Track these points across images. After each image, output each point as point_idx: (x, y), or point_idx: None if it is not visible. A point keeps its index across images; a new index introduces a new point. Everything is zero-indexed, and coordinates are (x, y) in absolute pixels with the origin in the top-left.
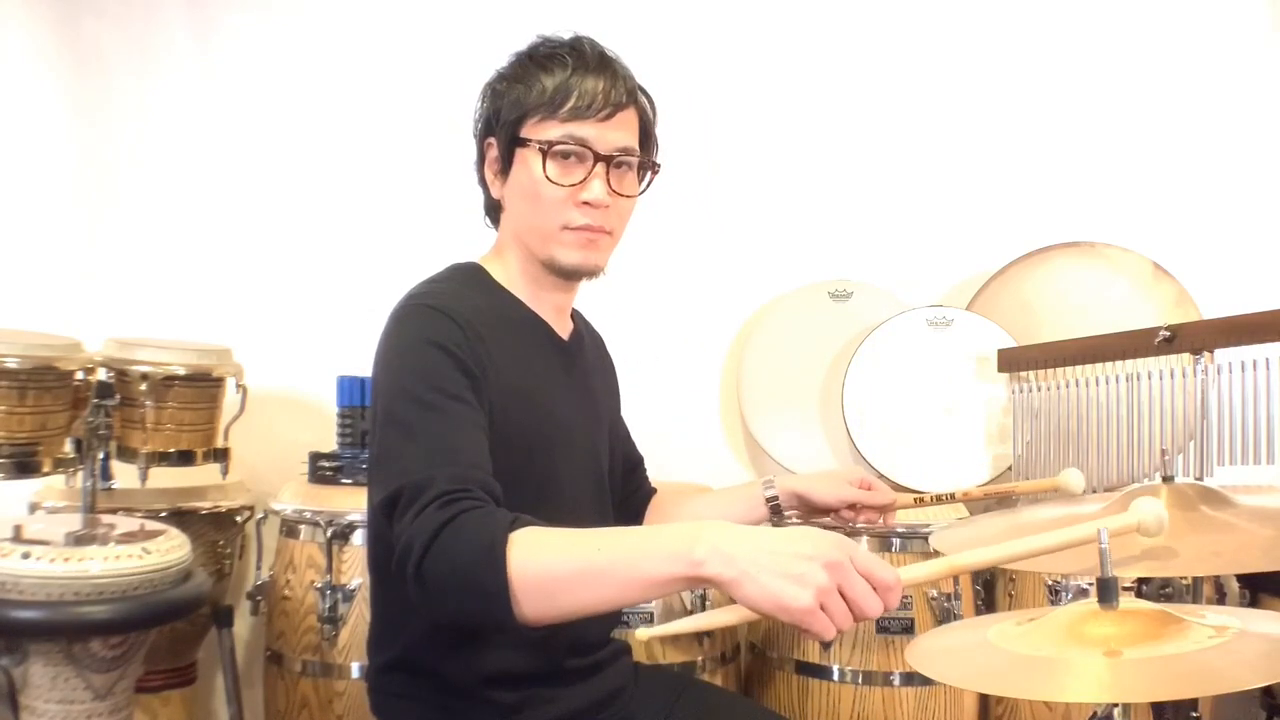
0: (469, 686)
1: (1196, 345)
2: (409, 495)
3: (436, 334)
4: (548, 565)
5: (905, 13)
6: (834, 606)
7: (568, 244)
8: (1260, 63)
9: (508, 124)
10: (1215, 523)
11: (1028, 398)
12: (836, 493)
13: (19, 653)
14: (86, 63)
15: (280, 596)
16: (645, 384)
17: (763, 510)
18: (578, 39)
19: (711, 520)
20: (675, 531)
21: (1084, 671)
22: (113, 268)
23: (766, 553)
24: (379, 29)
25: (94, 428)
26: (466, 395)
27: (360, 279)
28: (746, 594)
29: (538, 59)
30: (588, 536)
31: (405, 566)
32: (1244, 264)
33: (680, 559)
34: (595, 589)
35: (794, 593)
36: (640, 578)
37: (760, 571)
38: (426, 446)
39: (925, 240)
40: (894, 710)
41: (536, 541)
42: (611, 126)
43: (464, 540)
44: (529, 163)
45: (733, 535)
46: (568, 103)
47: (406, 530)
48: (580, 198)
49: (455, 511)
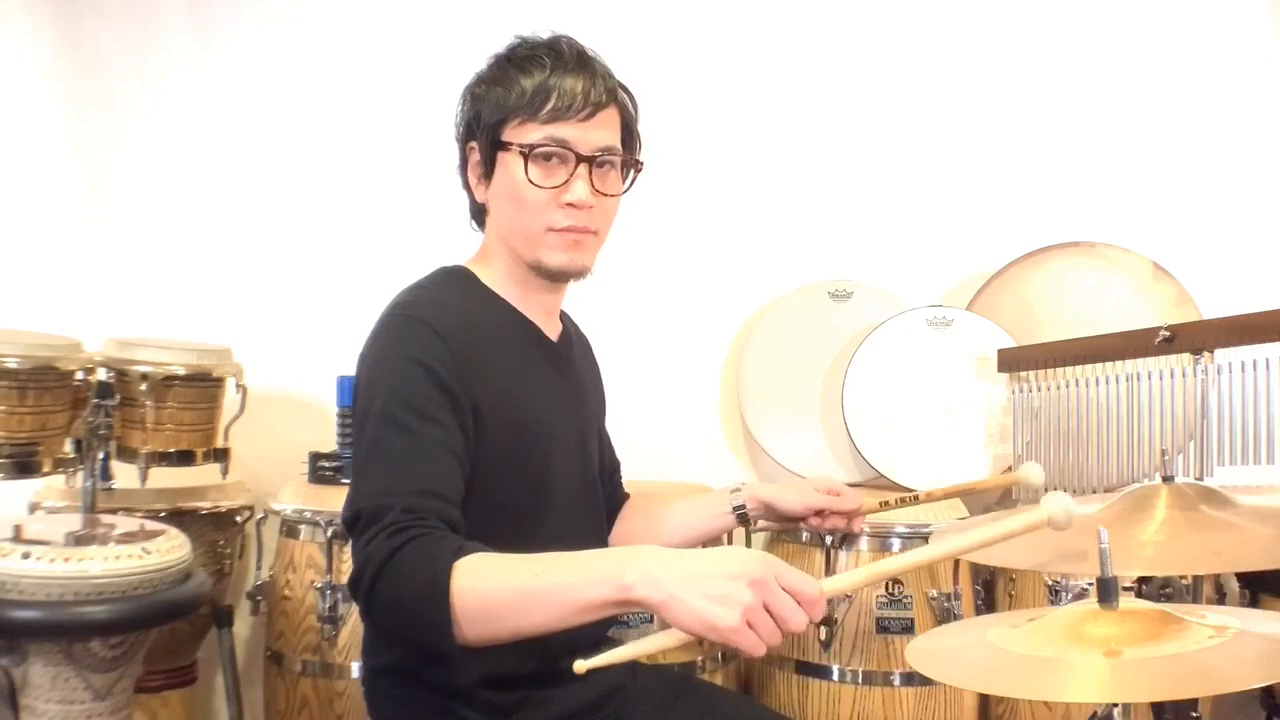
0: (464, 689)
1: (1196, 345)
2: (365, 519)
3: (418, 349)
4: (488, 592)
5: (906, 13)
6: (760, 623)
7: (553, 246)
8: (1260, 63)
9: (488, 128)
10: (1215, 522)
11: (1028, 398)
12: (803, 500)
13: (19, 653)
14: (86, 63)
15: (280, 596)
16: (645, 384)
17: (730, 519)
18: (556, 39)
19: (644, 545)
20: (608, 557)
21: (1084, 671)
22: (113, 268)
23: (693, 575)
24: (380, 29)
25: (94, 428)
26: (441, 416)
27: (360, 279)
28: (675, 616)
29: (516, 60)
30: (526, 563)
31: (356, 591)
32: (1244, 264)
33: (610, 583)
34: (532, 614)
35: (721, 613)
36: (574, 602)
37: (687, 594)
38: (390, 469)
39: (925, 240)
40: (894, 710)
41: (478, 569)
42: (592, 126)
43: (409, 570)
44: (511, 166)
45: (661, 559)
46: (547, 104)
47: (359, 555)
48: (563, 199)
49: (403, 540)
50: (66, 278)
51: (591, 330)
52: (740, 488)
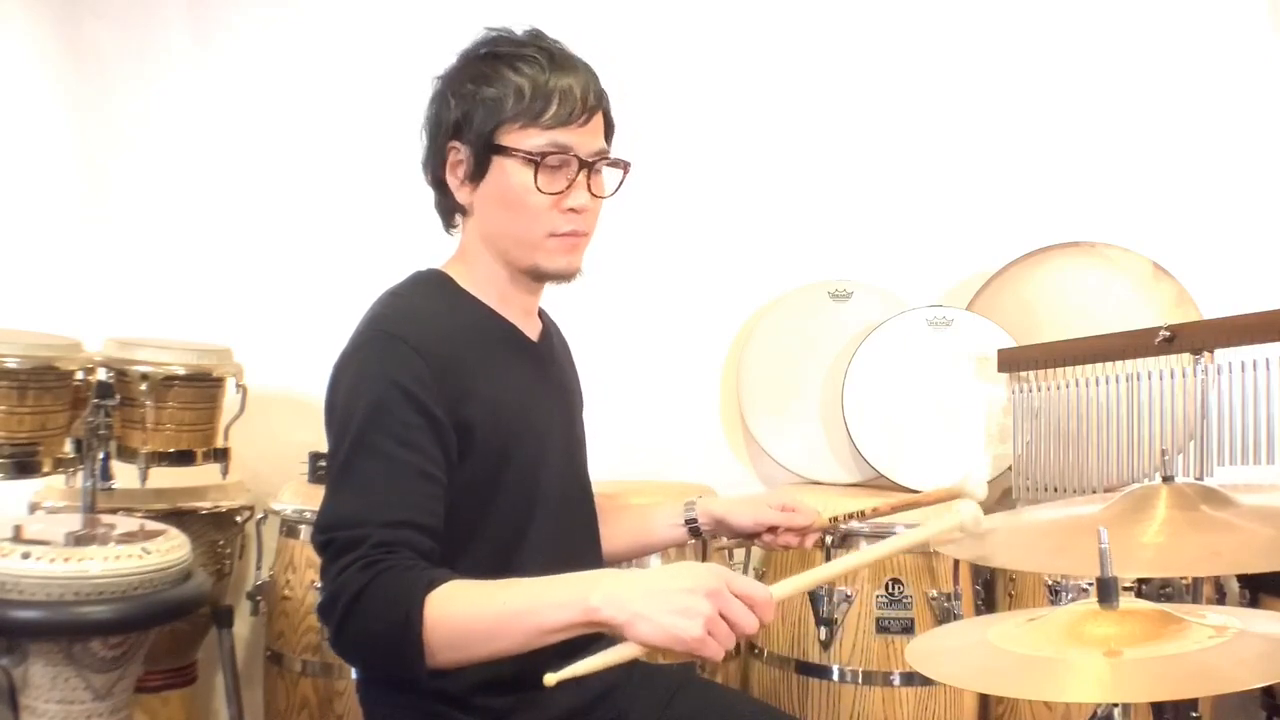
0: (458, 695)
1: (1196, 345)
2: (338, 547)
3: (394, 369)
4: (457, 623)
5: (906, 12)
6: (719, 630)
7: (553, 250)
8: (1260, 63)
9: (481, 130)
10: (1216, 523)
11: (1028, 398)
12: (754, 516)
13: (19, 653)
14: (86, 63)
15: (280, 596)
16: (645, 384)
17: (682, 532)
18: (536, 34)
19: (604, 570)
20: (572, 582)
21: (1084, 671)
22: (112, 268)
23: (653, 591)
24: (380, 30)
25: (94, 428)
26: (416, 439)
27: (360, 279)
28: (641, 633)
29: (504, 58)
30: (494, 591)
31: (325, 618)
32: (1244, 264)
33: (576, 607)
34: (502, 640)
35: (684, 625)
36: (541, 625)
37: (651, 611)
38: (364, 495)
39: (925, 240)
40: (894, 710)
41: (448, 601)
42: (590, 131)
43: (380, 608)
44: (510, 172)
45: (623, 581)
46: (549, 109)
47: (329, 584)
48: (565, 205)
49: (374, 574)
50: (66, 278)
51: (591, 330)
52: (695, 501)
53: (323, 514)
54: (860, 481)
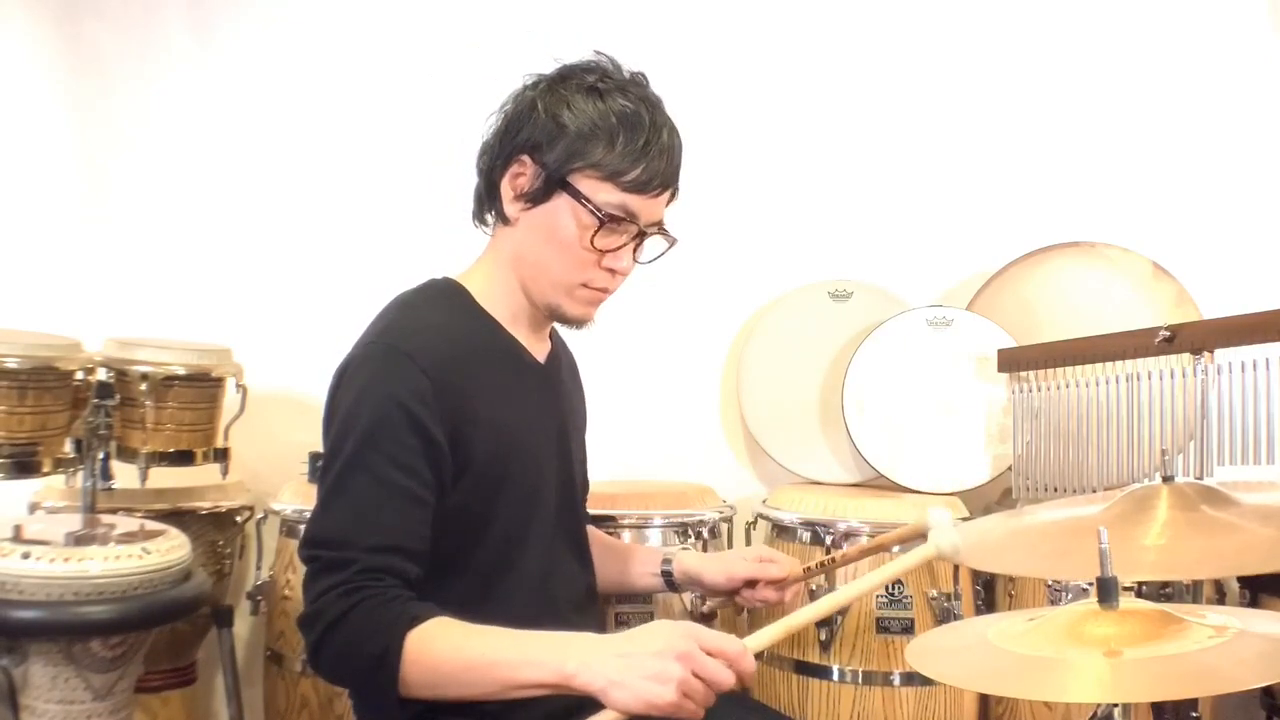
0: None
1: (1196, 345)
2: (322, 564)
3: (398, 387)
4: (435, 665)
5: (905, 12)
6: (694, 690)
7: (579, 299)
8: (1260, 63)
9: (558, 161)
10: (1217, 524)
11: (1028, 398)
12: (726, 571)
13: (19, 653)
14: (86, 63)
15: (280, 596)
16: (645, 384)
17: (659, 582)
18: (641, 81)
19: (579, 634)
20: (550, 643)
21: (1084, 671)
22: (112, 268)
23: (624, 656)
24: (381, 30)
25: (94, 428)
26: (411, 461)
27: (360, 279)
28: (616, 700)
29: (607, 97)
30: (474, 638)
31: (305, 635)
32: (1244, 264)
33: (551, 669)
34: (475, 687)
35: (657, 691)
36: (515, 680)
37: (624, 678)
38: (354, 514)
39: (925, 240)
40: (894, 710)
41: (428, 641)
42: (659, 203)
43: (359, 638)
44: (569, 213)
45: (596, 647)
46: (632, 173)
47: (311, 601)
48: (607, 264)
49: (355, 602)
50: (66, 278)
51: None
52: (674, 554)
53: (311, 527)
54: (860, 481)
